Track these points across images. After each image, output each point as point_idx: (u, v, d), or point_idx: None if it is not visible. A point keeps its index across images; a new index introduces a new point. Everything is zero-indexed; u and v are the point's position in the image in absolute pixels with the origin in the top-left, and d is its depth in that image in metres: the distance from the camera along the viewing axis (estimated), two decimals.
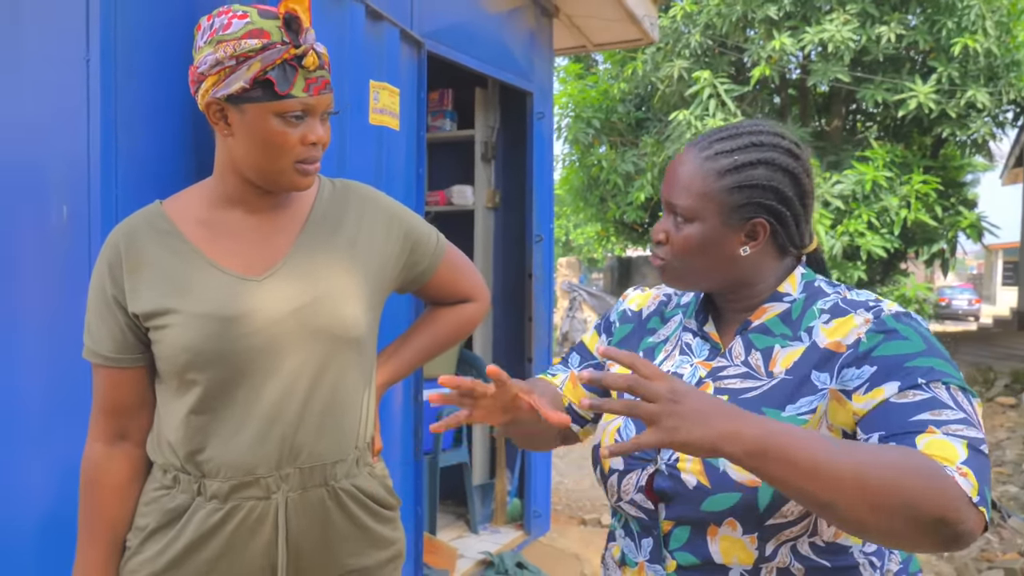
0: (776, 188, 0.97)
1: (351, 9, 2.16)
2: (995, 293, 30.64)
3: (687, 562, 0.97)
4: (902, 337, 0.90)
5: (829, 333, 0.96)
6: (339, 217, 1.25)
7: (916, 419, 0.83)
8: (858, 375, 0.90)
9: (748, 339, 1.01)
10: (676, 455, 0.97)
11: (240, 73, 1.10)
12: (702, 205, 0.97)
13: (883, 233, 8.92)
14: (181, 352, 1.12)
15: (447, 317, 1.41)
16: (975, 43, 8.38)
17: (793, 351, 0.97)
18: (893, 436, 0.83)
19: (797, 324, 0.99)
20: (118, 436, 1.20)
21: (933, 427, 0.82)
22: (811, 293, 1.01)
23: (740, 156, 0.97)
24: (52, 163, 1.68)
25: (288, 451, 1.16)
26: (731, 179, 0.96)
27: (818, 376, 0.94)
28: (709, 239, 0.98)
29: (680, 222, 0.99)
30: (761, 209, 0.98)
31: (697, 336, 1.06)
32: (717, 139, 1.00)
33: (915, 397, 0.85)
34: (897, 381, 0.87)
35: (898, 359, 0.88)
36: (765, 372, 0.98)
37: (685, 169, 0.99)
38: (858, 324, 0.94)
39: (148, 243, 1.17)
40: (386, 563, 1.28)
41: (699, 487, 0.94)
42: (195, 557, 1.16)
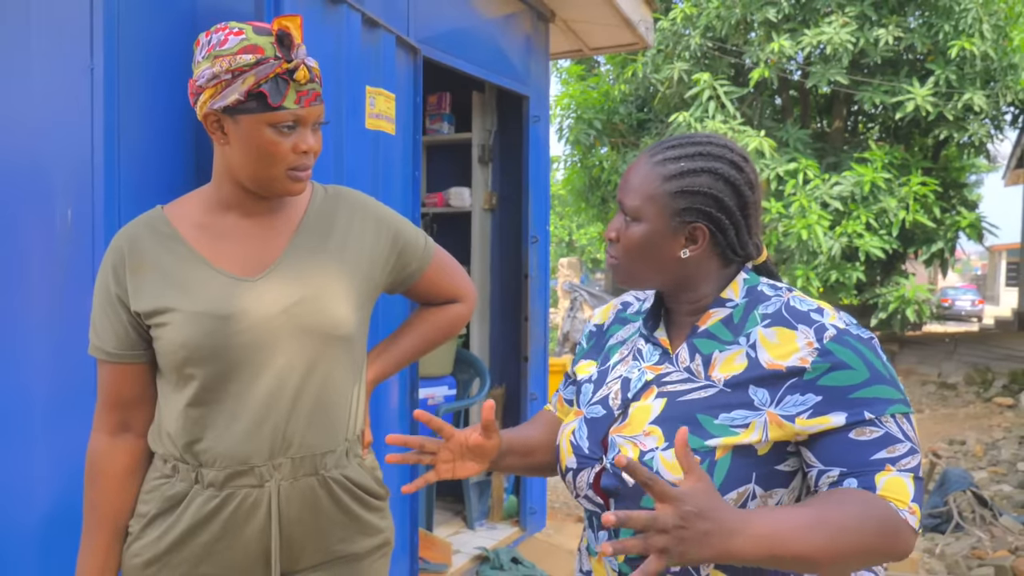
0: (717, 196, 1.02)
1: (348, 17, 2.23)
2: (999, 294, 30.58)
3: (634, 554, 1.03)
4: (846, 366, 0.95)
5: (770, 349, 0.99)
6: (330, 221, 1.32)
7: (874, 458, 0.93)
8: (801, 402, 0.95)
9: (693, 344, 1.05)
10: (620, 453, 1.01)
11: (236, 86, 1.17)
12: (647, 206, 1.03)
13: (881, 234, 8.95)
14: (180, 348, 1.19)
15: (435, 317, 1.47)
16: (972, 46, 8.41)
17: (730, 356, 1.01)
18: (855, 474, 0.93)
19: (739, 328, 1.03)
20: (121, 428, 1.27)
21: (889, 464, 0.93)
22: (753, 297, 1.05)
23: (686, 163, 1.02)
24: (57, 167, 1.74)
25: (280, 442, 1.22)
26: (675, 184, 1.02)
27: (755, 392, 0.98)
28: (652, 239, 1.03)
29: (629, 221, 1.05)
30: (701, 215, 1.02)
31: (648, 342, 1.10)
32: (668, 146, 1.05)
33: (871, 435, 0.93)
34: (844, 412, 0.94)
35: (842, 391, 0.94)
36: (704, 376, 1.02)
37: (636, 172, 1.05)
38: (800, 348, 0.97)
39: (150, 246, 1.24)
40: (374, 550, 1.34)
41: (637, 485, 0.99)
42: (193, 541, 1.22)
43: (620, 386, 1.10)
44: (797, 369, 0.96)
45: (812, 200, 8.90)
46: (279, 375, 1.22)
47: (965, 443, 6.45)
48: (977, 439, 6.60)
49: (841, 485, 0.94)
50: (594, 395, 1.13)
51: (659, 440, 1.00)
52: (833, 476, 0.95)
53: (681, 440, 0.86)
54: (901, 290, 9.55)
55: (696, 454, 0.97)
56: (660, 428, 1.01)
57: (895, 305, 9.42)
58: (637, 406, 1.06)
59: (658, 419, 1.02)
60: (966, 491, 4.36)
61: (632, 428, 1.04)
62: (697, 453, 0.97)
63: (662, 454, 0.99)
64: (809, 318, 1.00)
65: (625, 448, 1.03)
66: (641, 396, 1.06)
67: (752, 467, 0.97)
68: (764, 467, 0.98)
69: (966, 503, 4.31)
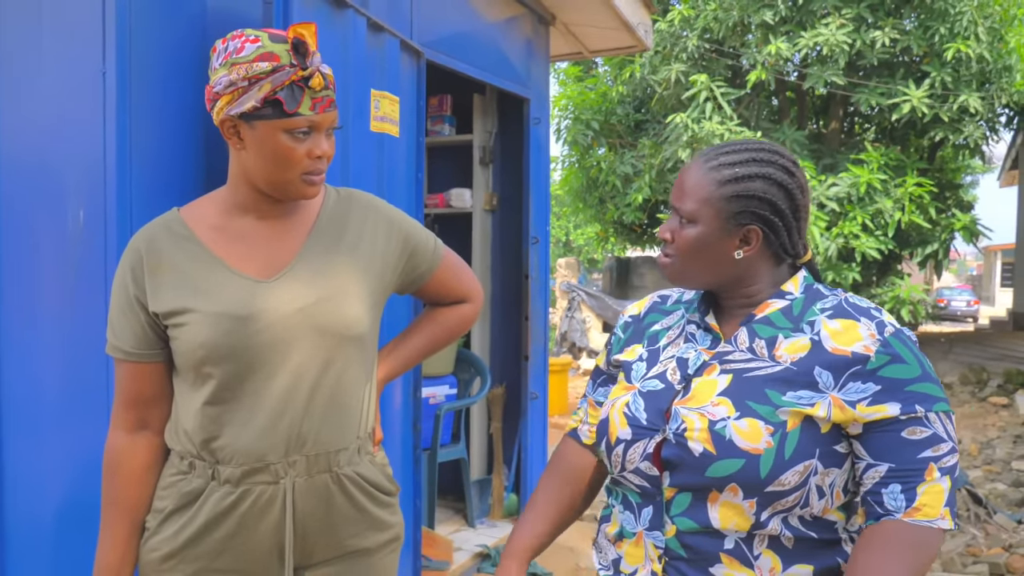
0: (770, 200, 1.07)
1: (353, 21, 2.25)
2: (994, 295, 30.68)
3: (686, 527, 1.06)
4: (904, 361, 1.02)
5: (834, 335, 1.05)
6: (343, 224, 1.35)
7: (920, 457, 1.01)
8: (862, 389, 1.02)
9: (752, 328, 1.10)
10: (684, 424, 1.06)
11: (252, 93, 1.19)
12: (703, 209, 1.08)
13: (877, 235, 9.00)
14: (198, 348, 1.22)
15: (444, 317, 1.50)
16: (967, 48, 8.46)
17: (796, 341, 1.07)
18: (900, 475, 1.01)
19: (798, 319, 1.09)
20: (139, 426, 1.29)
21: (932, 463, 1.01)
22: (811, 294, 1.12)
23: (740, 169, 1.08)
24: (69, 169, 1.77)
25: (295, 439, 1.25)
26: (730, 188, 1.07)
27: (821, 374, 1.03)
28: (707, 241, 1.08)
29: (684, 224, 1.10)
30: (755, 218, 1.08)
31: (700, 328, 1.16)
32: (723, 152, 1.10)
33: (920, 434, 1.01)
34: (898, 403, 1.01)
35: (899, 383, 1.02)
36: (768, 356, 1.07)
37: (691, 177, 1.10)
38: (863, 338, 1.04)
39: (167, 247, 1.27)
40: (385, 545, 1.37)
41: (705, 454, 1.03)
42: (210, 536, 1.25)
43: (676, 364, 1.14)
44: (861, 357, 1.03)
45: (810, 198, 8.92)
46: (295, 374, 1.24)
47: (961, 442, 6.49)
48: (972, 438, 6.65)
49: (885, 488, 1.02)
50: (648, 371, 1.16)
51: (730, 410, 1.05)
52: (880, 472, 1.02)
53: None
54: (896, 290, 9.59)
55: (769, 424, 1.02)
56: (729, 399, 1.06)
57: (891, 305, 9.46)
58: (700, 381, 1.10)
59: (726, 391, 1.07)
60: (961, 489, 4.40)
61: (697, 400, 1.08)
62: (769, 423, 1.02)
63: (735, 423, 1.03)
64: (869, 313, 1.07)
65: (690, 419, 1.06)
66: (703, 372, 1.10)
67: (816, 443, 1.03)
68: (826, 445, 1.03)
69: (961, 501, 4.36)
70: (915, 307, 9.53)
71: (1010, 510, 4.59)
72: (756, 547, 1.04)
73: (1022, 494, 4.80)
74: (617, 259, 15.06)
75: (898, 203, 9.02)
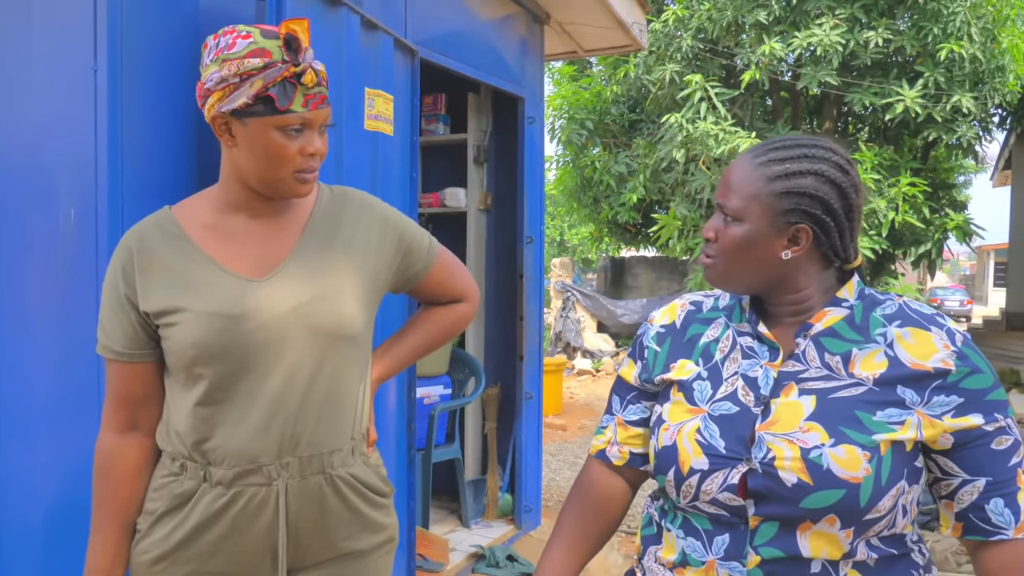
0: (822, 199, 1.01)
1: (347, 19, 2.24)
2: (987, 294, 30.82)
3: (771, 556, 1.00)
4: (980, 371, 1.01)
5: (910, 349, 1.01)
6: (337, 222, 1.33)
7: (1011, 465, 1.01)
8: (946, 403, 0.99)
9: (819, 342, 1.04)
10: (773, 453, 0.99)
11: (243, 90, 1.18)
12: (750, 206, 1.02)
13: (871, 235, 9.02)
14: (189, 348, 1.20)
15: (439, 316, 1.49)
16: (960, 48, 8.48)
17: (870, 356, 1.02)
18: (999, 487, 1.00)
19: (864, 329, 1.04)
20: (129, 426, 1.28)
21: (1020, 470, 1.01)
22: (867, 300, 1.07)
23: (791, 165, 1.02)
24: (60, 167, 1.75)
25: (288, 441, 1.24)
26: (780, 184, 1.01)
27: (904, 391, 1.00)
28: (754, 239, 1.02)
29: (729, 221, 1.04)
30: (806, 216, 1.02)
31: (755, 339, 1.08)
32: (772, 148, 1.05)
33: (1006, 443, 1.00)
34: (980, 413, 1.00)
35: (979, 393, 1.00)
36: (846, 373, 1.02)
37: (738, 173, 1.04)
38: (939, 349, 1.00)
39: (158, 246, 1.25)
40: (379, 546, 1.36)
41: (800, 485, 0.97)
42: (202, 538, 1.24)
43: (745, 383, 1.06)
44: (942, 371, 1.00)
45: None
46: (288, 374, 1.23)
47: None
48: None
49: (988, 503, 1.00)
50: (715, 392, 1.08)
51: (823, 436, 0.99)
52: (979, 487, 1.01)
53: None
54: (891, 290, 9.62)
55: (866, 451, 0.98)
56: (820, 424, 0.99)
57: None
58: (780, 403, 1.03)
59: (814, 415, 1.00)
60: None
61: (783, 425, 1.01)
62: (866, 449, 0.98)
63: (831, 450, 0.97)
64: (936, 321, 1.04)
65: (778, 447, 1.00)
66: (780, 393, 1.04)
67: (904, 463, 1.00)
68: (910, 463, 1.01)
69: None
70: None
71: None
72: (842, 568, 1.00)
73: None
74: (611, 259, 15.06)
75: (892, 203, 9.04)
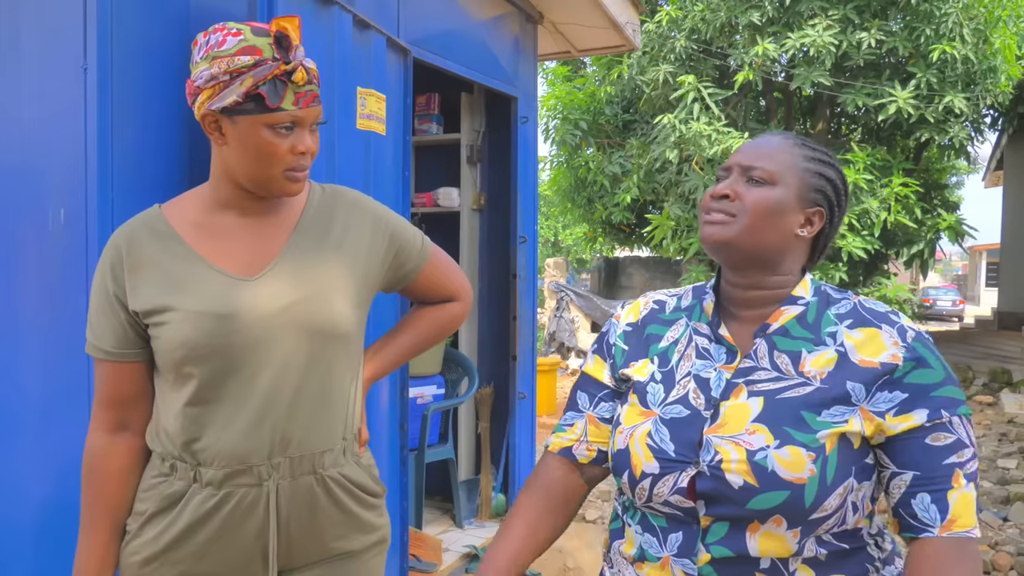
0: (839, 191, 1.10)
1: (339, 18, 2.24)
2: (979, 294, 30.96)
3: (721, 555, 1.01)
4: (928, 365, 1.01)
5: (859, 346, 1.03)
6: (328, 220, 1.32)
7: (945, 463, 0.99)
8: (890, 399, 1.00)
9: (771, 340, 1.06)
10: (720, 456, 1.00)
11: (233, 87, 1.17)
12: (787, 173, 1.07)
13: (864, 235, 9.04)
14: (178, 347, 1.19)
15: (432, 316, 1.48)
16: (952, 49, 8.52)
17: (821, 355, 1.03)
18: (927, 483, 0.98)
19: (816, 327, 1.06)
20: (119, 426, 1.27)
21: (958, 469, 0.99)
22: (821, 297, 1.09)
23: (820, 155, 1.11)
24: (50, 167, 1.74)
25: (279, 441, 1.23)
26: (815, 166, 1.09)
27: (853, 387, 1.01)
28: (781, 205, 1.05)
29: (756, 183, 1.06)
30: (824, 200, 1.09)
31: (712, 341, 1.10)
32: (801, 139, 1.12)
33: (945, 440, 0.99)
34: (925, 409, 0.99)
35: (925, 388, 1.00)
36: (795, 373, 1.03)
37: (774, 144, 1.10)
38: (888, 346, 1.02)
39: (148, 244, 1.24)
40: (371, 547, 1.36)
41: (746, 487, 0.98)
42: (191, 539, 1.23)
43: (697, 385, 1.08)
44: (890, 366, 1.01)
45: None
46: (278, 374, 1.22)
47: None
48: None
49: (914, 498, 0.99)
50: (668, 395, 1.09)
51: (768, 438, 1.00)
52: (906, 481, 1.00)
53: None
54: (883, 290, 9.64)
55: (810, 451, 0.98)
56: (766, 426, 1.01)
57: None
58: (729, 405, 1.04)
59: (760, 417, 1.01)
60: None
61: (730, 428, 1.02)
62: (810, 449, 0.98)
63: (775, 452, 0.98)
64: (888, 318, 1.05)
65: (726, 450, 1.01)
66: (730, 395, 1.05)
67: (851, 461, 1.00)
68: (859, 461, 1.01)
69: None
70: (901, 307, 9.59)
71: (996, 508, 4.61)
72: (791, 564, 1.01)
73: (1007, 492, 4.83)
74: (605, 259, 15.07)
75: (884, 203, 9.07)
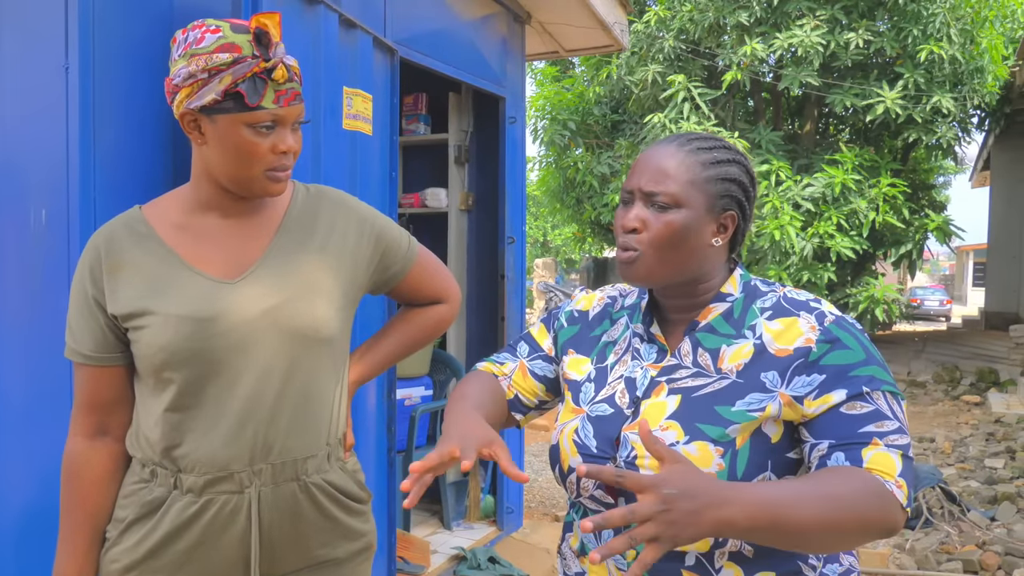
0: (744, 185, 1.07)
1: (325, 17, 2.22)
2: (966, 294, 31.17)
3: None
4: (845, 346, 0.99)
5: (777, 336, 1.02)
6: (312, 221, 1.30)
7: (863, 431, 0.95)
8: (808, 382, 0.99)
9: (695, 338, 1.07)
10: (635, 451, 1.02)
11: (212, 85, 1.15)
12: (690, 192, 1.02)
13: (852, 235, 9.08)
14: (158, 351, 1.17)
15: (419, 317, 1.46)
16: (940, 50, 8.57)
17: (739, 349, 1.04)
18: (843, 445, 0.95)
19: (740, 322, 1.06)
20: (99, 431, 1.25)
21: (877, 439, 0.95)
22: (749, 292, 1.09)
23: (718, 153, 1.05)
24: (30, 167, 1.72)
25: (261, 447, 1.21)
26: (714, 171, 1.04)
27: (766, 375, 1.01)
28: (691, 226, 1.02)
29: (660, 210, 1.02)
30: (733, 203, 1.06)
31: (644, 341, 1.12)
32: (693, 139, 1.07)
33: (862, 409, 0.96)
34: (844, 389, 0.97)
35: (843, 368, 0.98)
36: (714, 369, 1.04)
37: (669, 160, 1.03)
38: (804, 331, 1.01)
39: (127, 246, 1.22)
40: (356, 554, 1.33)
41: None
42: (172, 547, 1.20)
43: (625, 385, 1.10)
44: (804, 350, 1.00)
45: (784, 201, 9.01)
46: (260, 379, 1.20)
47: (934, 440, 6.56)
48: (945, 436, 6.72)
49: (829, 459, 0.96)
50: (596, 394, 1.12)
51: (679, 434, 1.01)
52: (823, 449, 0.97)
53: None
54: (871, 290, 9.68)
55: (718, 445, 0.99)
56: (678, 423, 1.02)
57: (865, 305, 9.55)
58: (649, 403, 1.06)
59: (675, 414, 1.03)
60: (935, 487, 4.43)
61: None
62: (719, 444, 0.99)
63: (684, 448, 1.00)
64: (808, 306, 1.05)
65: (640, 445, 1.02)
66: (651, 393, 1.07)
67: (768, 454, 1.00)
68: (778, 454, 1.01)
69: (935, 499, 4.39)
70: (889, 307, 9.63)
71: (983, 507, 4.63)
72: (717, 561, 1.02)
73: (995, 491, 4.85)
74: (594, 259, 15.08)
75: (872, 203, 9.12)
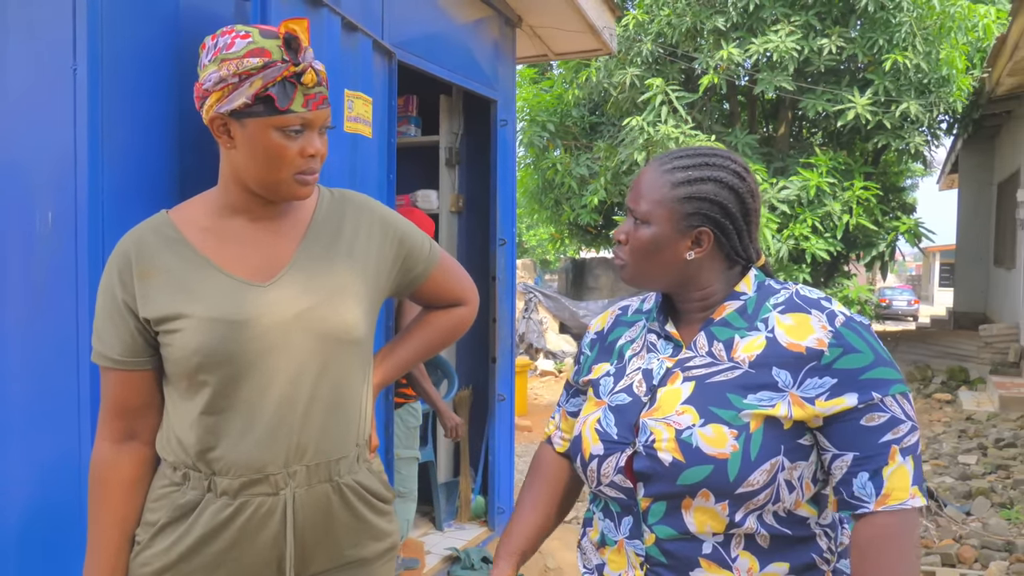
0: (721, 203, 1.11)
1: (328, 20, 2.22)
2: (933, 294, 31.80)
3: (665, 535, 1.09)
4: (856, 350, 1.05)
5: (789, 331, 1.08)
6: (338, 225, 1.31)
7: (882, 441, 1.04)
8: (819, 384, 1.05)
9: (711, 332, 1.13)
10: (653, 436, 1.08)
11: (243, 90, 1.16)
12: (656, 210, 1.11)
13: (826, 237, 9.24)
14: (192, 355, 1.17)
15: (440, 320, 1.48)
16: (904, 59, 8.75)
17: (752, 340, 1.09)
18: (865, 461, 1.04)
19: (753, 316, 1.12)
20: (127, 436, 1.24)
21: (894, 445, 1.03)
22: (763, 291, 1.15)
23: (693, 172, 1.11)
24: (38, 168, 1.70)
25: (295, 449, 1.22)
26: (683, 190, 1.10)
27: (779, 373, 1.06)
28: (660, 242, 1.11)
29: (638, 225, 1.13)
30: (707, 220, 1.11)
31: (660, 337, 1.18)
32: (677, 157, 1.14)
33: (879, 419, 1.03)
34: (855, 393, 1.04)
35: (854, 372, 1.04)
36: (728, 358, 1.10)
37: (646, 179, 1.14)
38: (816, 330, 1.06)
39: (157, 250, 1.22)
40: (383, 554, 1.35)
41: (675, 463, 1.06)
42: (206, 550, 1.21)
43: (642, 376, 1.16)
44: (816, 352, 1.06)
45: (761, 203, 9.15)
46: (292, 381, 1.21)
47: None
48: (919, 434, 6.85)
49: (855, 476, 1.04)
50: (616, 385, 1.18)
51: (694, 418, 1.07)
52: (847, 461, 1.05)
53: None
54: (845, 291, 9.86)
55: (732, 428, 1.05)
56: (693, 407, 1.08)
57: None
58: (664, 391, 1.12)
59: (689, 399, 1.09)
60: None
61: (663, 411, 1.10)
62: (733, 427, 1.05)
63: (700, 430, 1.06)
64: (820, 304, 1.10)
65: (658, 430, 1.08)
66: (667, 381, 1.13)
67: (780, 440, 1.05)
68: (790, 441, 1.06)
69: None
70: (863, 307, 9.81)
71: (958, 502, 4.74)
72: (733, 549, 1.07)
73: (969, 487, 4.96)
74: (572, 260, 15.14)
75: (846, 206, 9.28)
